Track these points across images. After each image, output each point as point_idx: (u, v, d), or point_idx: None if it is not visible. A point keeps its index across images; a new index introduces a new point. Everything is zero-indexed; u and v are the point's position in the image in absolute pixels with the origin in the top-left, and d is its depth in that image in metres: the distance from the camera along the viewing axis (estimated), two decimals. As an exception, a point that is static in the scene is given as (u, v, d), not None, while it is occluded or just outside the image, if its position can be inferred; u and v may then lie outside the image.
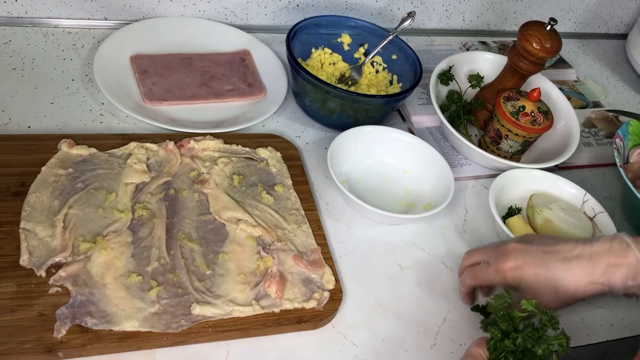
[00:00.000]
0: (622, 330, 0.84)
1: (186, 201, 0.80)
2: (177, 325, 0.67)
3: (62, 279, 0.68)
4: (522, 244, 0.74)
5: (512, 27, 1.36)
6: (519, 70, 0.97)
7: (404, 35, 1.16)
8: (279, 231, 0.80)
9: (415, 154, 0.94)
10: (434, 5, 1.26)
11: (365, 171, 0.93)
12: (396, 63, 1.05)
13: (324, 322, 0.73)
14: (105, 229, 0.73)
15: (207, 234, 0.77)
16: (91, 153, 0.82)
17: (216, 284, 0.72)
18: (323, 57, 1.05)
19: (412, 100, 1.07)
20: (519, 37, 0.95)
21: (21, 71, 0.94)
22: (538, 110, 0.95)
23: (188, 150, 0.86)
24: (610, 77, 1.36)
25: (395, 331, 0.75)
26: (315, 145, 0.97)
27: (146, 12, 1.07)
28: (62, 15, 1.03)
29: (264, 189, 0.85)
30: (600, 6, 1.42)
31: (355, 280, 0.79)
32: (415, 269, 0.83)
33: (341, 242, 0.83)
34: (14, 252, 0.69)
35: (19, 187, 0.75)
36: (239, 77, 1.01)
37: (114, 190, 0.78)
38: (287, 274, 0.75)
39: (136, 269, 0.71)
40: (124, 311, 0.66)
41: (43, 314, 0.65)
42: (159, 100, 0.93)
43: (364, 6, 1.20)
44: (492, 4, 1.31)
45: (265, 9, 1.14)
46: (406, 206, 0.90)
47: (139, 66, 0.97)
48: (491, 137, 0.99)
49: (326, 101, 0.94)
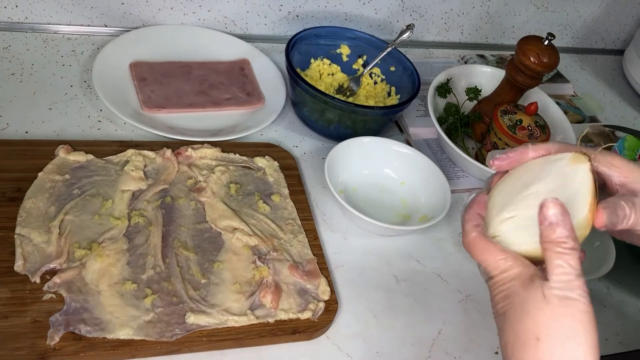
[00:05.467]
0: (616, 346, 0.84)
1: (183, 209, 0.80)
2: (172, 334, 0.67)
3: (56, 285, 0.67)
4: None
5: (510, 41, 1.37)
6: (517, 84, 0.98)
7: (403, 48, 1.16)
8: (275, 241, 0.80)
9: (413, 166, 0.94)
10: (433, 18, 1.26)
11: (362, 182, 0.93)
12: (394, 75, 1.06)
13: (318, 333, 0.73)
14: (101, 236, 0.73)
15: (203, 243, 0.77)
16: (88, 159, 0.82)
17: (211, 293, 0.72)
18: (322, 67, 1.06)
19: (410, 112, 1.07)
20: (516, 51, 0.95)
21: (20, 76, 0.94)
22: (535, 124, 0.96)
23: (185, 158, 0.86)
24: (607, 92, 1.37)
25: (390, 343, 0.75)
26: (313, 155, 0.97)
27: (146, 20, 1.07)
28: (62, 22, 1.03)
29: (260, 198, 0.84)
30: (598, 22, 1.43)
31: (351, 291, 0.79)
32: (411, 281, 0.83)
33: (337, 253, 0.83)
34: (9, 257, 0.69)
35: (15, 193, 0.75)
36: (237, 86, 1.02)
37: (110, 197, 0.78)
38: (282, 284, 0.75)
39: (131, 276, 0.71)
40: (118, 319, 0.66)
41: (37, 321, 0.64)
42: (158, 108, 0.93)
43: (363, 18, 1.20)
44: (491, 18, 1.31)
45: (265, 19, 1.14)
46: (403, 218, 0.90)
47: (138, 73, 0.97)
48: (488, 150, 0.99)
49: (324, 111, 0.94)
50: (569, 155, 0.53)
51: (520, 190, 0.53)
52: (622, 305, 0.90)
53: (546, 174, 0.53)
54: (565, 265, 0.47)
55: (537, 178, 0.53)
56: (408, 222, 0.89)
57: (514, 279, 0.50)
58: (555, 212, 0.47)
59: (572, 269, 0.47)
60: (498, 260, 0.51)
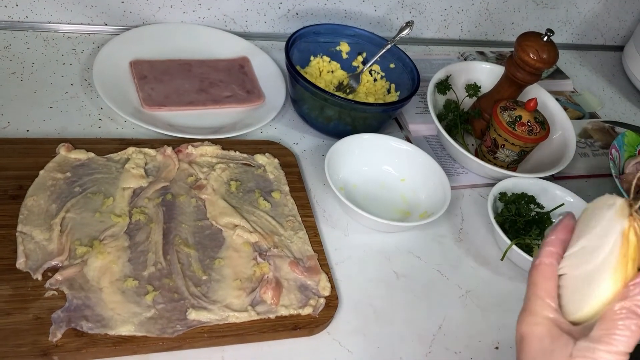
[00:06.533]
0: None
1: (183, 206, 0.80)
2: (173, 330, 0.67)
3: (58, 282, 0.68)
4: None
5: (509, 38, 1.37)
6: (516, 80, 0.98)
7: (402, 45, 1.17)
8: (275, 237, 0.80)
9: (413, 162, 0.94)
10: (433, 15, 1.26)
11: (363, 179, 0.93)
12: (394, 72, 1.06)
13: (319, 329, 0.73)
14: (102, 233, 0.74)
15: (203, 240, 0.77)
16: (89, 157, 0.82)
17: (212, 290, 0.72)
18: (321, 65, 1.06)
19: (409, 109, 1.08)
20: (516, 48, 0.95)
21: (21, 75, 0.94)
22: (535, 120, 0.96)
23: (186, 156, 0.86)
24: (607, 88, 1.37)
25: (391, 339, 0.76)
26: (313, 152, 0.97)
27: (146, 18, 1.08)
28: (63, 20, 1.04)
29: (261, 195, 0.85)
30: (597, 18, 1.43)
31: (351, 287, 0.80)
32: (411, 277, 0.83)
33: (337, 249, 0.84)
34: (11, 255, 0.69)
35: (16, 191, 0.76)
36: (237, 83, 1.02)
37: (111, 195, 0.78)
38: (283, 280, 0.75)
39: (132, 273, 0.71)
40: (119, 315, 0.66)
41: (39, 318, 0.65)
42: (158, 106, 0.94)
43: (362, 15, 1.21)
44: (490, 15, 1.32)
45: (265, 17, 1.15)
46: (403, 214, 0.91)
47: (138, 71, 0.98)
48: (488, 146, 0.99)
49: (324, 109, 0.94)
50: (620, 201, 0.46)
51: (574, 240, 0.49)
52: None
53: (595, 223, 0.47)
54: (623, 339, 0.43)
55: (587, 228, 0.47)
56: (408, 219, 0.90)
57: (546, 323, 0.47)
58: None
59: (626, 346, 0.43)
60: (545, 298, 0.48)
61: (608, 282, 0.44)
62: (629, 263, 0.44)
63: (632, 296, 0.43)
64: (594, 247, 0.46)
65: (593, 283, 0.45)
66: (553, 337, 0.46)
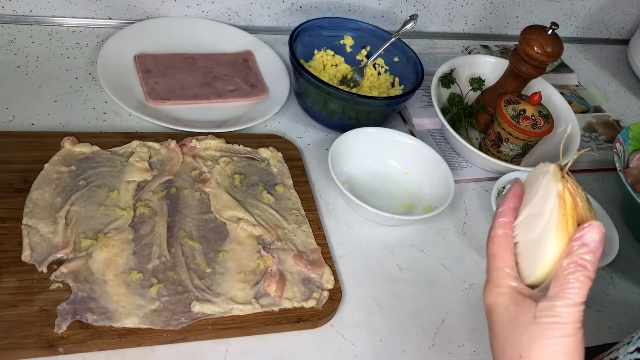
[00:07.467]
0: (619, 335, 0.84)
1: (187, 200, 0.81)
2: (177, 323, 0.67)
3: (63, 275, 0.68)
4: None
5: (514, 31, 1.37)
6: (520, 74, 0.98)
7: (406, 38, 1.16)
8: (279, 231, 0.80)
9: (416, 156, 0.94)
10: (437, 8, 1.26)
11: (366, 172, 0.94)
12: (398, 65, 1.06)
13: (323, 322, 0.73)
14: (106, 226, 0.74)
15: (207, 233, 0.78)
16: (94, 151, 0.82)
17: (216, 282, 0.72)
18: (325, 58, 1.06)
19: (413, 103, 1.08)
20: (520, 41, 0.95)
21: (25, 69, 0.94)
22: (539, 114, 0.96)
23: (190, 150, 0.87)
24: (612, 82, 1.37)
25: (394, 331, 0.76)
26: (317, 146, 0.97)
27: (150, 12, 1.08)
28: (67, 14, 1.04)
29: (264, 188, 0.85)
30: (602, 12, 1.42)
31: (355, 281, 0.80)
32: (414, 270, 0.84)
33: (341, 243, 0.84)
34: (16, 248, 0.70)
35: (21, 184, 0.76)
36: (241, 77, 1.02)
37: (115, 188, 0.79)
38: (286, 273, 0.75)
39: (137, 266, 0.71)
40: (124, 308, 0.67)
41: (44, 310, 0.65)
42: (162, 100, 0.94)
43: (366, 9, 1.20)
44: (495, 8, 1.31)
45: (269, 10, 1.15)
46: (406, 207, 0.91)
47: (142, 65, 0.98)
48: (492, 140, 0.99)
49: (328, 102, 0.94)
50: (552, 167, 0.50)
51: (522, 208, 0.52)
52: (625, 295, 0.90)
53: (535, 190, 0.51)
54: (575, 290, 0.46)
55: (530, 196, 0.51)
56: (411, 212, 0.90)
57: (509, 292, 0.50)
58: (595, 239, 0.47)
59: (580, 297, 0.46)
60: (504, 268, 0.51)
61: (553, 242, 0.48)
62: (569, 221, 0.48)
63: (575, 251, 0.47)
64: (537, 213, 0.50)
65: (541, 245, 0.48)
66: (517, 303, 0.49)
